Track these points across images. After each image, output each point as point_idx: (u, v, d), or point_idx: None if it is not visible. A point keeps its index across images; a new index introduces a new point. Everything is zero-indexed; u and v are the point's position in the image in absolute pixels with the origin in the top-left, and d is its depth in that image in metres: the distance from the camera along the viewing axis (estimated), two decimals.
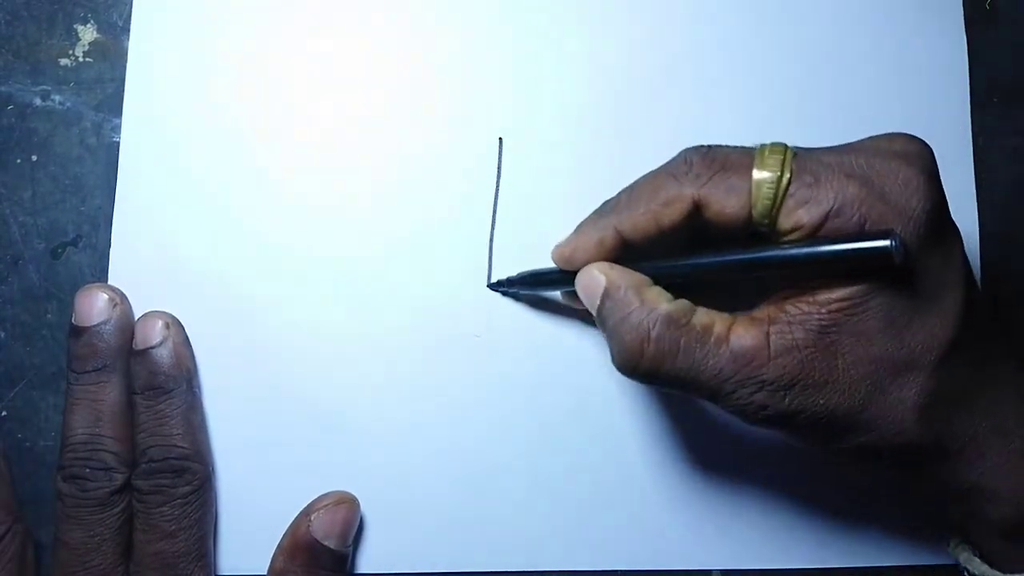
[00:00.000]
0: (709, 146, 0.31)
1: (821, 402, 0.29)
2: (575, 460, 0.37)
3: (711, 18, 0.40)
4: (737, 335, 0.30)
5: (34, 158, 0.37)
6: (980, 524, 0.32)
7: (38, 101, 0.38)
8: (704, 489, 0.38)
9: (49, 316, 0.37)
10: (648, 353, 0.30)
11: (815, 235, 0.29)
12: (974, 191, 0.39)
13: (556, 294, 0.37)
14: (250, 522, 0.36)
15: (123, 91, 0.38)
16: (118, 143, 0.37)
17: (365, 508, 0.37)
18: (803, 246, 0.29)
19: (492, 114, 0.39)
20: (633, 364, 0.30)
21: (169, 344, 0.35)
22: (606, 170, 0.39)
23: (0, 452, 0.36)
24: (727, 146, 0.31)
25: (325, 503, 0.35)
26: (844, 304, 0.29)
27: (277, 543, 0.35)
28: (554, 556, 0.37)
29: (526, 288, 0.37)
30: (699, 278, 0.31)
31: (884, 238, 0.27)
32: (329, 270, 0.37)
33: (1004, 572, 0.32)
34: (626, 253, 0.32)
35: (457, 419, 0.37)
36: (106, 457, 0.33)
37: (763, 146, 0.30)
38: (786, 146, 0.30)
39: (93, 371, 0.34)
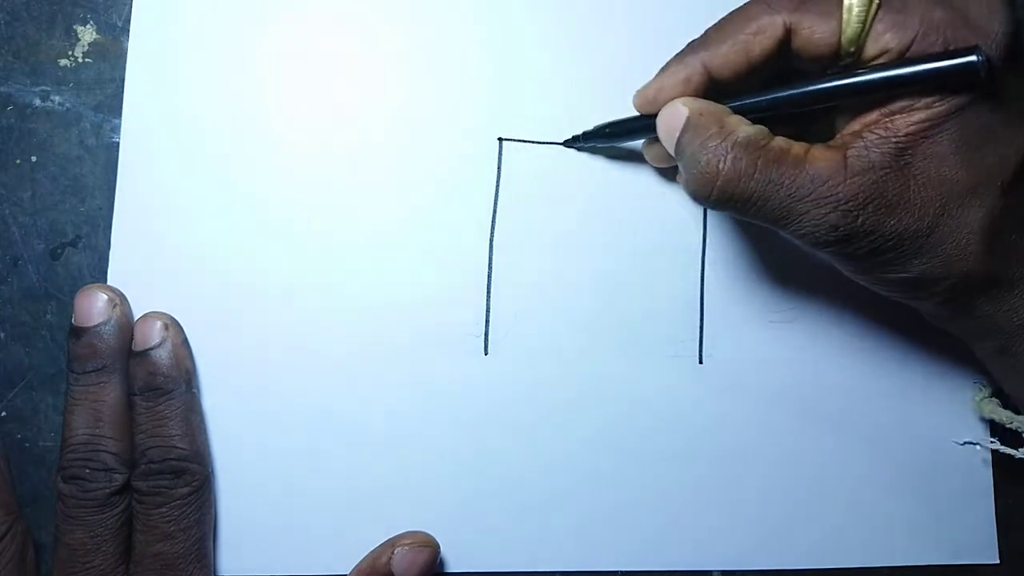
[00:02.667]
0: None
1: (892, 223, 0.30)
2: (574, 461, 0.37)
3: (711, 17, 0.40)
4: (814, 157, 0.30)
5: (34, 159, 0.37)
6: (1021, 367, 0.33)
7: (38, 101, 0.38)
8: (704, 489, 0.38)
9: (49, 317, 0.37)
10: (724, 174, 0.30)
11: (900, 59, 0.30)
12: None
13: (635, 144, 0.38)
14: (250, 522, 0.36)
15: (122, 91, 0.38)
16: (118, 143, 0.37)
17: (365, 508, 0.37)
18: (890, 67, 0.30)
19: (492, 114, 0.39)
20: (709, 187, 0.31)
21: (168, 345, 0.35)
22: (606, 170, 0.39)
23: (0, 452, 0.36)
24: None
25: (410, 541, 0.35)
26: (921, 126, 0.30)
27: (355, 565, 0.35)
28: (554, 556, 0.37)
29: (602, 140, 0.38)
30: (782, 111, 0.32)
31: (970, 54, 0.28)
32: (329, 270, 0.37)
33: None
34: (713, 94, 0.33)
35: (457, 419, 0.37)
36: (106, 458, 0.33)
37: None
38: None
39: (93, 371, 0.34)
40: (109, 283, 0.37)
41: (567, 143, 0.38)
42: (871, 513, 0.38)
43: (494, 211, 0.38)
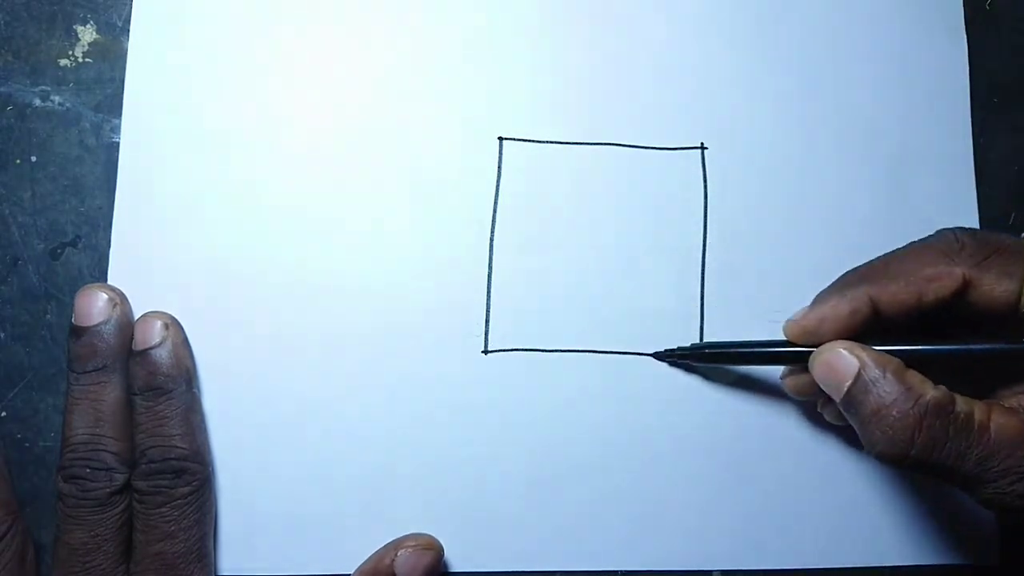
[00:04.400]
0: (975, 229, 0.32)
1: None
2: (575, 460, 0.37)
3: (710, 19, 0.40)
4: (998, 424, 0.30)
5: (33, 159, 0.37)
6: None
7: (38, 101, 0.38)
8: (704, 489, 0.38)
9: (49, 316, 0.37)
10: (920, 443, 0.30)
11: None
12: (974, 191, 0.39)
13: (753, 369, 0.37)
14: (250, 522, 0.36)
15: (122, 91, 0.38)
16: (118, 143, 0.37)
17: (365, 507, 0.37)
18: None
19: (492, 114, 0.39)
20: (902, 454, 0.30)
21: (168, 344, 0.35)
22: (606, 170, 0.39)
23: (0, 452, 0.36)
24: (996, 232, 0.32)
25: (413, 544, 0.35)
26: None
27: (358, 567, 0.35)
28: (554, 556, 0.37)
29: (705, 362, 0.37)
30: (954, 365, 0.32)
31: None
32: (329, 270, 0.37)
33: None
34: (872, 330, 0.32)
35: (457, 419, 0.37)
36: (106, 457, 0.33)
37: None
38: None
39: (93, 371, 0.34)
40: (109, 283, 0.37)
41: (658, 355, 0.37)
42: (871, 513, 0.38)
43: (494, 211, 0.38)
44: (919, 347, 0.32)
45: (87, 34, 0.38)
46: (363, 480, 0.37)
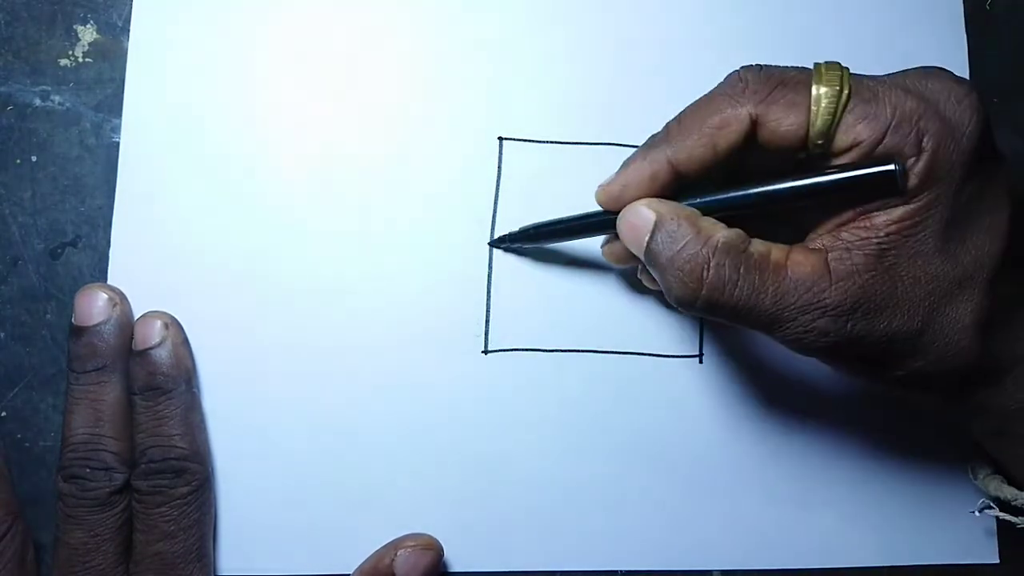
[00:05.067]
0: (762, 65, 0.31)
1: (882, 326, 0.30)
2: (574, 460, 0.37)
3: (710, 17, 0.40)
4: (796, 262, 0.30)
5: (34, 158, 0.37)
6: (1020, 448, 0.33)
7: (38, 101, 0.38)
8: (704, 489, 0.38)
9: (48, 316, 0.37)
10: (708, 282, 0.30)
11: (873, 152, 0.29)
12: None
13: (565, 245, 0.37)
14: (250, 522, 0.36)
15: (123, 91, 0.38)
16: (118, 143, 0.37)
17: (365, 507, 0.37)
18: (835, 171, 0.30)
19: (492, 114, 0.39)
20: (693, 296, 0.30)
21: (168, 344, 0.35)
22: (606, 170, 0.39)
23: (0, 452, 0.36)
24: (780, 65, 0.31)
25: (413, 543, 0.35)
26: (901, 225, 0.29)
27: (358, 567, 0.35)
28: (554, 556, 0.37)
29: (531, 241, 0.37)
30: (745, 211, 0.31)
31: (888, 163, 0.29)
32: (328, 269, 0.37)
33: None
34: (676, 190, 0.32)
35: (457, 419, 0.37)
36: (106, 457, 0.33)
37: (818, 64, 0.31)
38: (840, 64, 0.30)
39: (93, 371, 0.34)
40: (109, 283, 0.37)
41: (493, 243, 0.38)
42: (871, 513, 0.38)
43: (494, 211, 0.38)
44: (716, 196, 0.31)
45: (87, 34, 0.38)
46: (363, 480, 0.37)
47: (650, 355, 0.38)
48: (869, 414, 0.39)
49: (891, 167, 0.29)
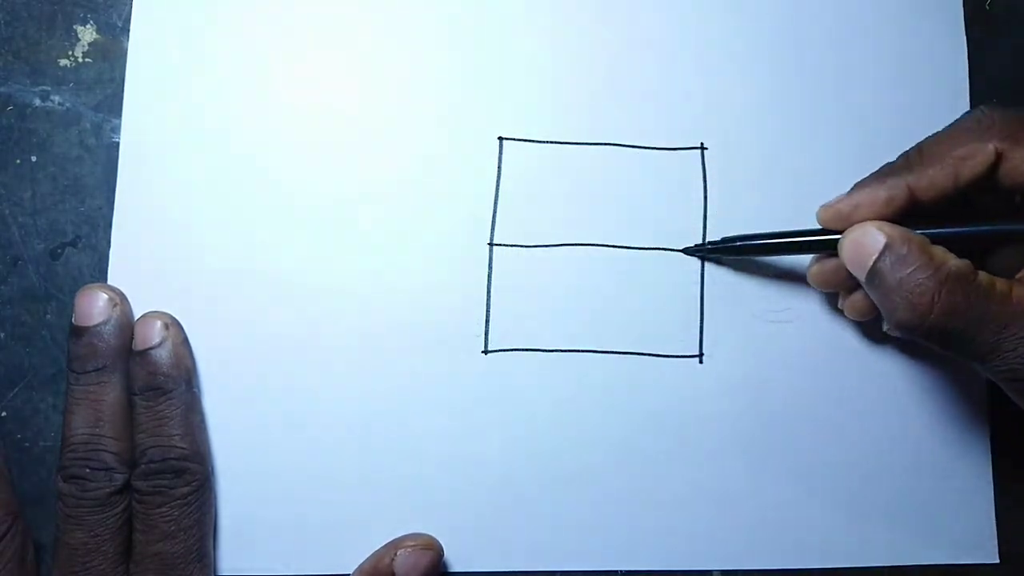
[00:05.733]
0: (1003, 106, 0.33)
1: None
2: (574, 460, 0.37)
3: (710, 18, 0.40)
4: (1020, 294, 0.31)
5: (33, 159, 0.37)
6: None
7: (38, 101, 0.38)
8: (704, 489, 0.38)
9: (49, 317, 0.37)
10: (939, 307, 0.30)
11: None
12: None
13: (775, 259, 0.38)
14: (250, 522, 0.36)
15: (122, 91, 0.38)
16: (118, 143, 0.37)
17: (365, 507, 0.37)
18: None
19: (492, 114, 0.39)
20: (920, 320, 0.31)
21: (168, 344, 0.35)
22: (606, 170, 0.39)
23: (0, 452, 0.36)
24: (1019, 108, 0.32)
25: (413, 543, 0.35)
26: None
27: (358, 567, 0.35)
28: (554, 556, 0.37)
29: (733, 254, 0.37)
30: (972, 245, 0.32)
31: None
32: (328, 269, 0.37)
33: None
34: (904, 219, 0.33)
35: (457, 418, 0.37)
36: (106, 457, 0.33)
37: None
38: None
39: (93, 371, 0.34)
40: (109, 283, 0.37)
41: (689, 251, 0.38)
42: (871, 512, 0.38)
43: (494, 211, 0.38)
44: (947, 229, 0.32)
45: (87, 34, 0.38)
46: (363, 480, 0.37)
47: (650, 355, 0.38)
48: (869, 414, 0.39)
49: None
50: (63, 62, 0.38)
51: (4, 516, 0.34)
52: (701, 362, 0.38)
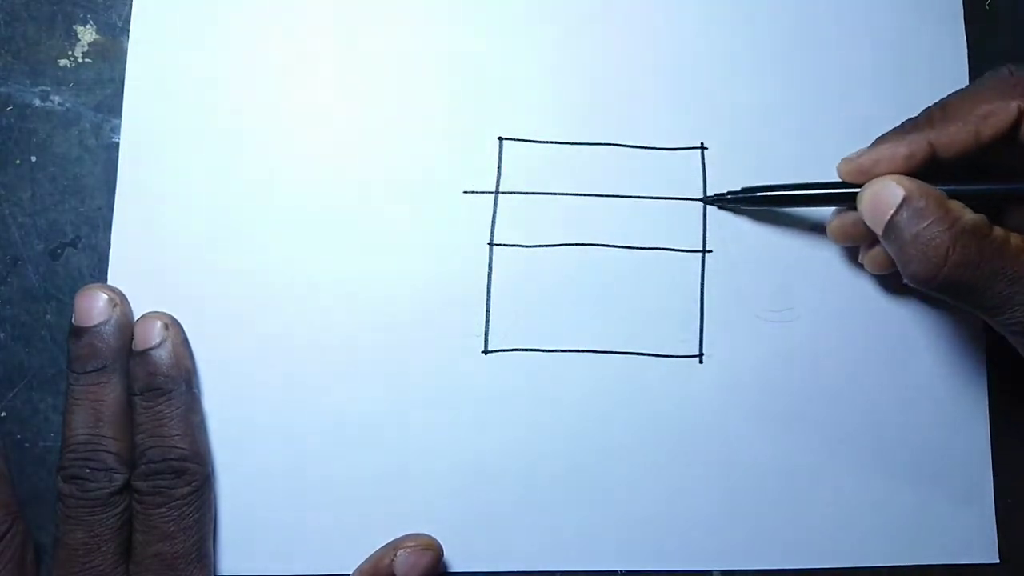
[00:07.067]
0: (1022, 64, 0.32)
1: None
2: (574, 460, 0.37)
3: (711, 17, 0.40)
4: None
5: (33, 159, 0.37)
6: None
7: (37, 102, 0.38)
8: (704, 489, 0.38)
9: (48, 317, 0.37)
10: (952, 260, 0.31)
11: None
12: None
13: (792, 211, 0.38)
14: (250, 522, 0.36)
15: (122, 92, 0.38)
16: (117, 144, 0.37)
17: (365, 507, 0.37)
18: None
19: (492, 114, 0.39)
20: (934, 272, 0.31)
21: (168, 345, 0.35)
22: (606, 170, 0.39)
23: (0, 452, 0.36)
24: None
25: (412, 544, 0.35)
26: None
27: (357, 567, 0.35)
28: (554, 556, 0.37)
29: (751, 204, 0.38)
30: (991, 202, 0.33)
31: None
32: (328, 269, 0.37)
33: None
34: (925, 175, 0.33)
35: (457, 418, 0.37)
36: (106, 457, 0.33)
37: None
38: None
39: (93, 371, 0.34)
40: (109, 283, 0.37)
41: (708, 200, 0.38)
42: (871, 512, 0.38)
43: (494, 211, 0.38)
44: (966, 186, 0.33)
45: (87, 34, 0.38)
46: (363, 480, 0.37)
47: (650, 355, 0.38)
48: (870, 414, 0.39)
49: None
50: (63, 62, 0.38)
51: (4, 516, 0.34)
52: (701, 362, 0.38)
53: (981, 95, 0.32)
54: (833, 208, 0.37)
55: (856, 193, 0.34)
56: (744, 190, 0.37)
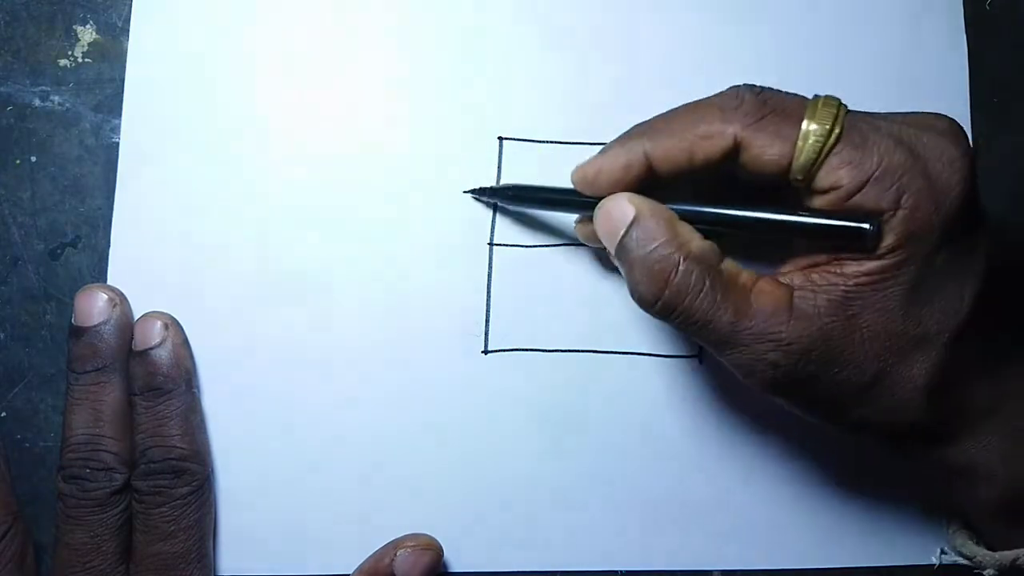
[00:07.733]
0: (762, 87, 0.31)
1: (834, 372, 0.29)
2: (575, 460, 0.37)
3: (711, 19, 0.40)
4: (761, 290, 0.30)
5: (33, 159, 0.37)
6: (975, 504, 0.33)
7: (37, 102, 0.38)
8: (704, 489, 0.38)
9: (48, 317, 0.37)
10: (672, 286, 0.29)
11: (850, 199, 0.29)
12: None
13: (545, 214, 0.38)
14: (250, 522, 0.36)
15: (122, 92, 0.38)
16: (117, 144, 0.37)
17: (365, 507, 0.37)
18: (818, 215, 0.29)
19: (492, 114, 0.39)
20: (655, 296, 0.30)
21: (168, 345, 0.35)
22: None
23: (0, 452, 0.36)
24: (780, 91, 0.31)
25: (413, 544, 0.35)
26: (870, 279, 0.29)
27: (358, 567, 0.35)
28: (554, 556, 0.37)
29: (510, 202, 0.37)
30: (719, 228, 0.31)
31: (864, 221, 0.28)
32: (328, 269, 0.37)
33: (996, 551, 0.33)
34: (649, 186, 0.31)
35: (456, 418, 0.37)
36: (106, 457, 0.33)
37: (817, 97, 0.30)
38: (840, 102, 0.30)
39: (93, 371, 0.34)
40: (109, 283, 0.37)
41: (474, 193, 0.37)
42: (871, 513, 0.38)
43: (494, 211, 0.38)
44: (695, 208, 0.31)
45: (87, 34, 0.38)
46: (363, 480, 0.37)
47: (650, 355, 0.38)
48: None
49: (864, 225, 0.28)
50: (63, 62, 0.38)
51: (4, 517, 0.34)
52: (701, 362, 0.38)
53: (704, 113, 0.30)
54: None
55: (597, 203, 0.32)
56: (503, 185, 0.37)
